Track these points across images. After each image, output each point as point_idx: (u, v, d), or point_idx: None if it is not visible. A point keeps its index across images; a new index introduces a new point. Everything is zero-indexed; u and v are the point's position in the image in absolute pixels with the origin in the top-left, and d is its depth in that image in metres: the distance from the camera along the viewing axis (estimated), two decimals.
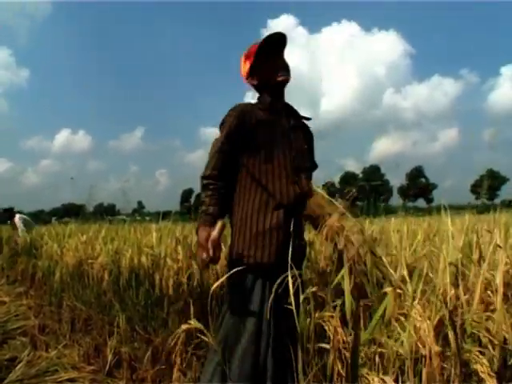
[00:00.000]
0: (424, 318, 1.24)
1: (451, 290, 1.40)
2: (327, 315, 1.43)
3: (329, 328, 1.41)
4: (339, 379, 1.34)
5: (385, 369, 1.31)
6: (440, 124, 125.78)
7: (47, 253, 5.12)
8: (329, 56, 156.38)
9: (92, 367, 2.62)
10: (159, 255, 2.93)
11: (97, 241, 4.19)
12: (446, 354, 1.24)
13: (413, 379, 1.22)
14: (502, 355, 1.23)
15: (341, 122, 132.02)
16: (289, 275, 1.39)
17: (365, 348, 1.36)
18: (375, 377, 1.28)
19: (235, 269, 1.50)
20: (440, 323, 1.27)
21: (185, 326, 1.87)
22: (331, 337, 1.38)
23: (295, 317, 1.38)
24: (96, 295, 3.23)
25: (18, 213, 8.29)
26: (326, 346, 1.40)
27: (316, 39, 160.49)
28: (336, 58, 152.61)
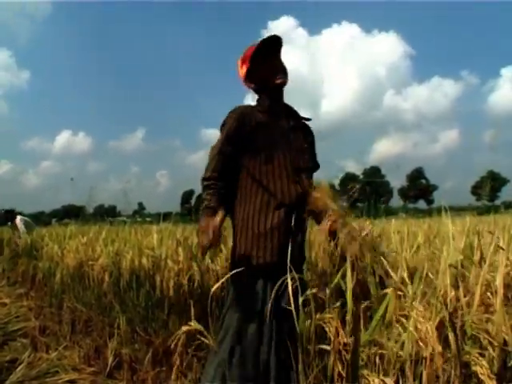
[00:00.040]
0: (426, 319, 1.24)
1: (451, 292, 1.40)
2: (328, 317, 1.43)
3: (329, 329, 1.41)
4: (340, 380, 1.35)
5: (385, 370, 1.31)
6: (440, 125, 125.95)
7: (48, 254, 5.12)
8: (329, 57, 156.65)
9: (92, 369, 2.62)
10: (160, 257, 2.93)
11: (97, 242, 4.19)
12: (446, 356, 1.24)
13: (413, 381, 1.22)
14: (502, 357, 1.23)
15: (341, 124, 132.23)
16: (288, 277, 1.39)
17: (365, 349, 1.36)
18: (375, 378, 1.28)
19: (236, 270, 1.51)
20: (440, 325, 1.27)
21: (185, 328, 1.88)
22: (332, 338, 1.38)
23: (294, 318, 1.39)
24: (96, 297, 3.24)
25: (19, 214, 8.32)
26: (327, 348, 1.40)
27: (316, 41, 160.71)
28: (336, 60, 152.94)
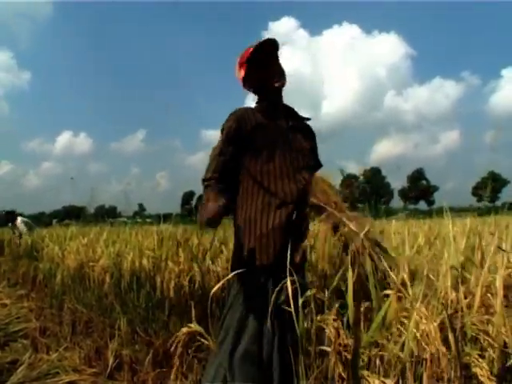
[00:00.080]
0: (430, 320, 1.24)
1: (452, 293, 1.41)
2: (328, 318, 1.43)
3: (330, 331, 1.41)
4: (340, 381, 1.35)
5: (386, 371, 1.31)
6: (441, 126, 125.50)
7: (48, 255, 5.13)
8: (330, 58, 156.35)
9: (93, 370, 2.62)
10: (160, 258, 2.94)
11: (98, 243, 4.20)
12: (447, 357, 1.24)
13: (413, 382, 1.22)
14: (502, 358, 1.23)
15: (342, 125, 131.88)
16: (288, 278, 1.39)
17: (366, 350, 1.37)
18: (376, 379, 1.29)
19: (237, 270, 1.53)
20: (440, 326, 1.27)
21: (185, 329, 1.88)
22: (332, 339, 1.38)
23: (294, 319, 1.39)
24: (97, 298, 3.24)
25: (20, 215, 8.34)
26: (328, 349, 1.40)
27: (317, 42, 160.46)
28: (337, 61, 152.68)
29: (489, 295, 1.41)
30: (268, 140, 1.65)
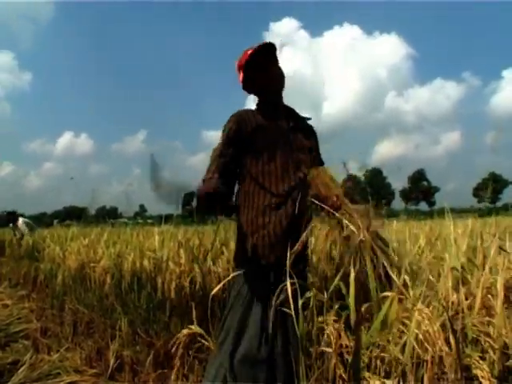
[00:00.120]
0: (432, 321, 1.23)
1: (453, 295, 1.41)
2: (329, 319, 1.43)
3: (331, 331, 1.41)
4: (341, 383, 1.35)
5: (387, 373, 1.31)
6: (442, 127, 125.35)
7: (49, 256, 5.14)
8: (331, 59, 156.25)
9: (94, 370, 2.62)
10: (161, 259, 2.94)
11: (99, 244, 4.21)
12: (450, 358, 1.24)
13: None
14: (503, 360, 1.23)
15: (343, 126, 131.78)
16: (288, 280, 1.39)
17: (367, 352, 1.36)
18: (377, 381, 1.28)
19: (238, 271, 1.54)
20: (441, 328, 1.27)
21: (186, 331, 1.88)
22: (333, 340, 1.38)
23: (294, 321, 1.39)
24: (98, 298, 3.25)
25: (21, 216, 8.35)
26: (329, 350, 1.40)
27: (318, 42, 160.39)
28: (338, 62, 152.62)
29: (490, 297, 1.41)
30: (269, 141, 1.65)
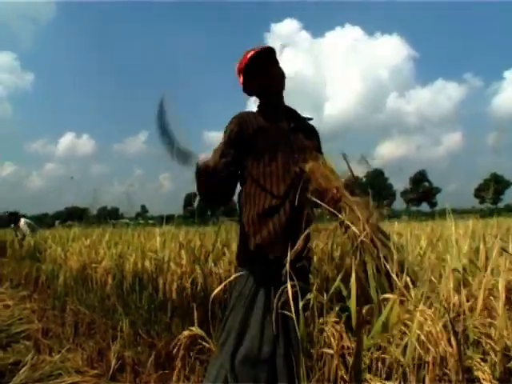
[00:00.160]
0: (435, 322, 1.23)
1: (454, 296, 1.40)
2: (331, 320, 1.43)
3: (332, 333, 1.41)
4: None
5: (388, 374, 1.31)
6: (444, 128, 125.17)
7: (51, 256, 5.15)
8: (332, 60, 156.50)
9: (95, 371, 2.63)
10: (163, 259, 2.94)
11: (100, 245, 4.21)
12: (453, 358, 1.23)
13: None
14: (504, 362, 1.23)
15: (344, 127, 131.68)
16: (288, 282, 1.39)
17: (368, 353, 1.36)
18: (378, 382, 1.28)
19: (239, 272, 1.54)
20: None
21: (186, 333, 1.88)
22: (334, 342, 1.38)
23: (295, 322, 1.39)
24: (99, 299, 3.25)
25: (23, 217, 8.36)
26: (330, 352, 1.40)
27: (319, 43, 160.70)
28: (339, 63, 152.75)
29: (491, 298, 1.40)
30: (270, 143, 1.65)
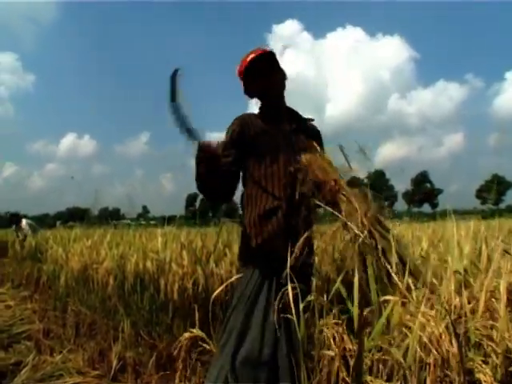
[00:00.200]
0: (437, 323, 1.23)
1: (456, 298, 1.40)
2: (332, 322, 1.43)
3: (333, 334, 1.41)
4: None
5: (389, 376, 1.31)
6: (445, 129, 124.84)
7: (52, 257, 5.16)
8: (334, 61, 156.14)
9: (97, 372, 2.62)
10: (164, 260, 2.95)
11: (102, 245, 4.21)
12: (456, 359, 1.23)
13: None
14: (506, 364, 1.22)
15: (346, 128, 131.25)
16: (289, 284, 1.39)
17: (369, 355, 1.36)
18: None
19: (240, 274, 1.53)
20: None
21: (187, 335, 1.88)
22: (336, 344, 1.38)
23: (295, 324, 1.39)
24: (101, 300, 3.25)
25: (24, 217, 8.37)
26: (331, 353, 1.40)
27: (321, 44, 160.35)
28: (341, 64, 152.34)
29: (493, 300, 1.40)
30: (271, 144, 1.65)
